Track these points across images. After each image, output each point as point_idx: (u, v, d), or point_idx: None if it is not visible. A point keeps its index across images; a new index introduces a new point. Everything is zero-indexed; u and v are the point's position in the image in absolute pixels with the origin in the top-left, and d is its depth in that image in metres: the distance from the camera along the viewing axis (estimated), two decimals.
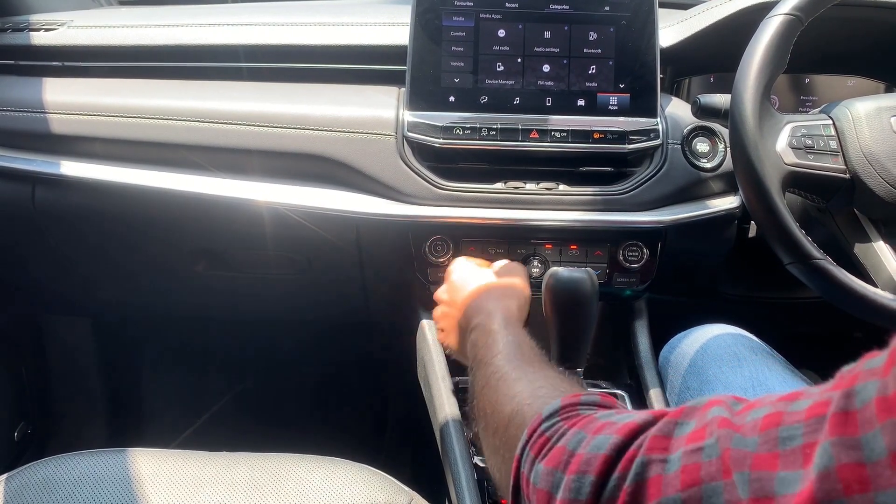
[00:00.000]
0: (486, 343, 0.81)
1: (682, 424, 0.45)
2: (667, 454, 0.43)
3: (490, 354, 0.78)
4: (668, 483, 0.41)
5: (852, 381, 0.36)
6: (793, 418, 0.38)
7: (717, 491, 0.39)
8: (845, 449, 0.34)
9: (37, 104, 1.16)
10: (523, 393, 0.64)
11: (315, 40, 1.21)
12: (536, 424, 0.54)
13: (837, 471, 0.34)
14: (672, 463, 0.42)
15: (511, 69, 1.11)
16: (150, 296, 1.44)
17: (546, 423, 0.54)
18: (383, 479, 0.90)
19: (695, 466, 0.41)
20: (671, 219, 1.10)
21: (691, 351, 1.07)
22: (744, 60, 0.94)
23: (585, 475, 0.46)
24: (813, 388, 0.40)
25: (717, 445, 0.40)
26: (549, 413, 0.55)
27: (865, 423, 0.34)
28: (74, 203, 1.18)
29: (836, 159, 0.96)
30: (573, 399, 0.56)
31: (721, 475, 0.39)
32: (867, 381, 0.35)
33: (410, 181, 1.10)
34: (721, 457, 0.40)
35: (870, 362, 0.36)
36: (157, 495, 0.82)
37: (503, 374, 0.71)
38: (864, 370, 0.36)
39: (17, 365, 1.58)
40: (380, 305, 1.31)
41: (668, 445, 0.44)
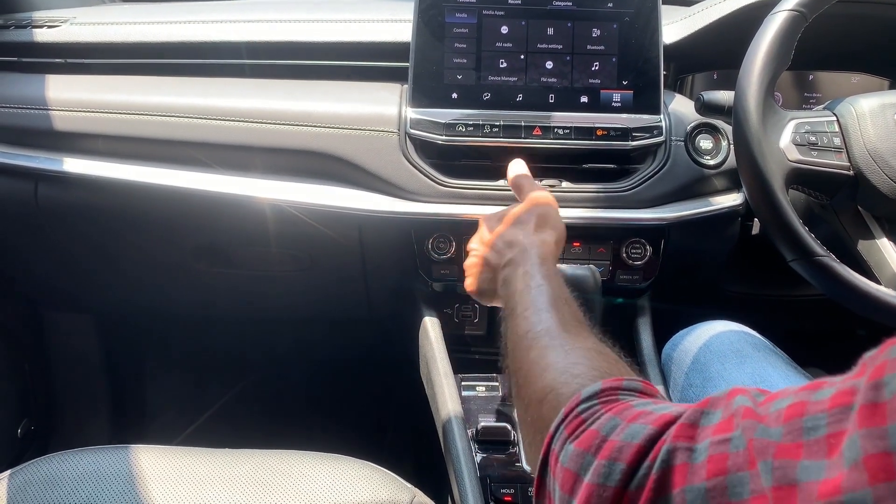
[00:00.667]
0: (519, 288, 0.76)
1: (707, 414, 0.45)
2: (693, 443, 0.43)
3: (523, 306, 0.73)
4: (695, 472, 0.41)
5: (880, 372, 0.35)
6: (816, 408, 0.38)
7: (742, 480, 0.39)
8: (872, 439, 0.34)
9: (40, 101, 1.16)
10: (557, 366, 0.62)
11: (318, 37, 1.21)
12: (574, 405, 0.54)
13: (864, 461, 0.33)
14: (699, 452, 0.42)
15: (514, 66, 1.10)
16: (153, 293, 1.44)
17: (584, 405, 0.53)
18: (386, 475, 0.90)
19: (722, 457, 0.41)
20: (674, 216, 1.10)
21: (694, 348, 1.06)
22: (747, 57, 0.94)
23: (616, 462, 0.46)
24: (835, 377, 0.40)
25: (743, 437, 0.40)
26: (589, 395, 0.54)
27: (893, 412, 0.34)
28: (77, 200, 1.18)
29: (840, 156, 0.96)
30: (615, 383, 0.55)
31: (747, 465, 0.39)
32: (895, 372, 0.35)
33: (413, 178, 1.10)
34: (747, 447, 0.40)
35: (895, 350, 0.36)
36: (160, 492, 0.82)
37: (536, 336, 0.68)
38: (891, 359, 0.35)
39: (21, 361, 1.58)
40: (382, 302, 1.31)
41: (694, 434, 0.44)
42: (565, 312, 0.72)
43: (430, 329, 1.16)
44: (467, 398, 1.09)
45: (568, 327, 0.70)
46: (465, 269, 0.94)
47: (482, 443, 1.01)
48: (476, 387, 1.11)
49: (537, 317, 0.71)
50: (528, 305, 0.73)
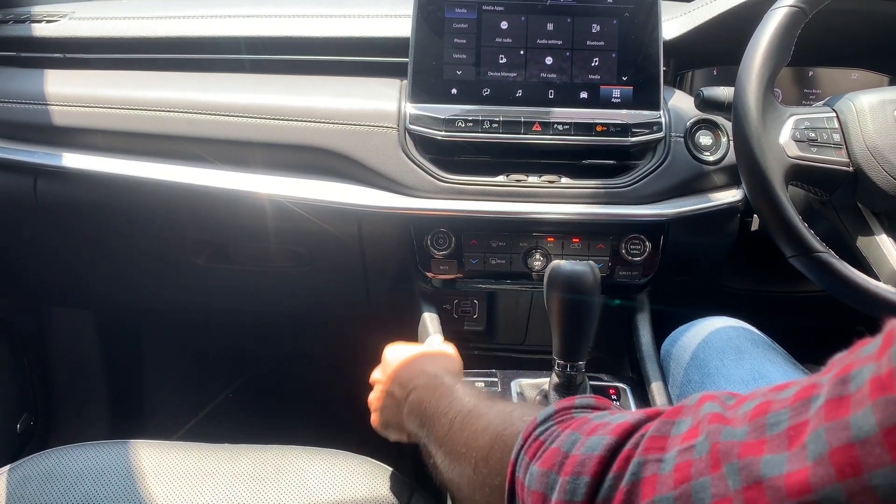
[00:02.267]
0: (435, 396, 0.76)
1: (677, 423, 0.45)
2: (663, 454, 0.43)
3: (446, 402, 0.73)
4: (663, 482, 0.41)
5: (847, 369, 0.35)
6: (780, 405, 0.38)
7: (704, 486, 0.39)
8: (836, 432, 0.34)
9: (38, 96, 1.16)
10: (495, 422, 0.63)
11: (317, 32, 1.21)
12: (531, 429, 0.54)
13: (829, 455, 0.33)
14: (667, 462, 0.42)
15: (513, 61, 1.10)
16: (152, 288, 1.44)
17: (540, 428, 0.54)
18: (385, 471, 0.90)
19: (686, 464, 0.41)
20: (674, 212, 1.10)
21: (693, 344, 1.07)
22: (747, 53, 0.94)
23: (580, 476, 0.46)
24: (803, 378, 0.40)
25: (707, 441, 0.40)
26: (544, 417, 0.55)
27: (857, 403, 0.34)
28: (76, 195, 1.18)
29: (840, 152, 0.96)
30: (567, 403, 0.56)
31: (709, 470, 0.39)
32: (862, 367, 0.35)
33: (412, 174, 1.10)
34: (710, 452, 0.40)
35: (864, 349, 0.36)
36: (160, 487, 0.82)
37: (469, 412, 0.68)
38: (859, 357, 0.36)
39: (20, 357, 1.58)
40: (381, 298, 1.31)
41: (664, 445, 0.44)
42: (486, 394, 0.74)
43: (429, 325, 1.16)
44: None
45: (493, 399, 0.71)
46: (368, 404, 0.95)
47: None
48: (475, 382, 1.11)
49: (464, 400, 0.71)
50: (454, 399, 0.73)
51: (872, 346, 0.35)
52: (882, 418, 0.32)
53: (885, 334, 0.35)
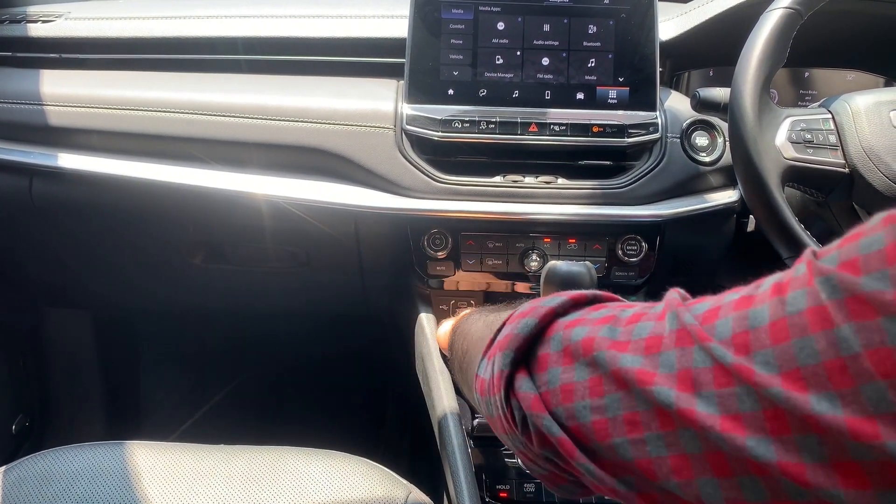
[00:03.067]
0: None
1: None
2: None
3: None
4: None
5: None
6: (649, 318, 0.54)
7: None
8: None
9: (35, 96, 1.15)
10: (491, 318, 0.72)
11: (313, 32, 1.20)
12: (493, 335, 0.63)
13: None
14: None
15: (510, 62, 1.10)
16: (149, 289, 1.44)
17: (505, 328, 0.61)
18: (381, 471, 0.90)
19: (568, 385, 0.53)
20: (670, 213, 1.10)
21: None
22: (743, 54, 0.94)
23: (508, 351, 0.57)
24: None
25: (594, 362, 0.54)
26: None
27: None
28: (72, 196, 1.18)
29: (836, 153, 0.96)
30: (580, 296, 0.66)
31: (563, 360, 0.55)
32: None
33: (409, 174, 1.10)
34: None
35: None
36: (155, 488, 0.82)
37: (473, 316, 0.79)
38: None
39: (16, 357, 1.58)
40: (378, 299, 1.31)
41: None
42: None
43: (426, 325, 1.16)
44: None
45: None
46: None
47: (478, 439, 1.01)
48: None
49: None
50: None
51: None
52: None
53: None
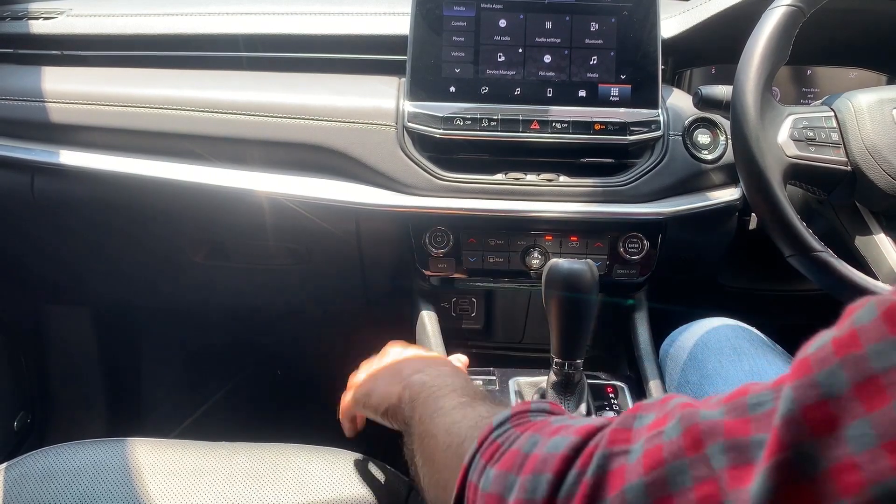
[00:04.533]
0: (436, 385, 0.73)
1: (641, 417, 0.44)
2: (629, 445, 0.42)
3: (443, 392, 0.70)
4: (632, 470, 0.40)
5: (808, 344, 0.36)
6: (759, 388, 0.38)
7: (681, 469, 0.37)
8: (805, 389, 0.34)
9: (36, 93, 1.15)
10: (460, 421, 0.61)
11: (315, 30, 1.20)
12: (487, 433, 0.53)
13: (802, 413, 0.33)
14: (634, 452, 0.41)
15: (512, 59, 1.10)
16: (150, 286, 1.44)
17: (497, 431, 0.53)
18: (383, 468, 0.90)
19: (656, 448, 0.39)
20: (672, 210, 1.10)
21: (691, 344, 1.07)
22: (745, 52, 0.94)
23: (542, 474, 0.45)
24: None
25: (679, 424, 0.39)
26: (500, 421, 0.54)
27: (820, 362, 0.34)
28: (74, 193, 1.18)
29: (838, 151, 0.96)
30: (523, 407, 0.56)
31: (685, 452, 0.38)
32: (821, 336, 0.36)
33: (410, 172, 1.09)
34: (683, 434, 0.39)
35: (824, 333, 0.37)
36: (157, 485, 0.82)
37: (443, 410, 0.66)
38: (818, 337, 0.37)
39: (17, 354, 1.58)
40: (379, 297, 1.31)
41: (629, 437, 0.43)
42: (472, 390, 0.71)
43: (428, 323, 1.16)
44: None
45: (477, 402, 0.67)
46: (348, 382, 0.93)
47: None
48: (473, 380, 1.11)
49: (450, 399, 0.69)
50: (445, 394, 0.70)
51: (830, 331, 0.36)
52: (852, 374, 0.32)
53: (844, 313, 0.37)
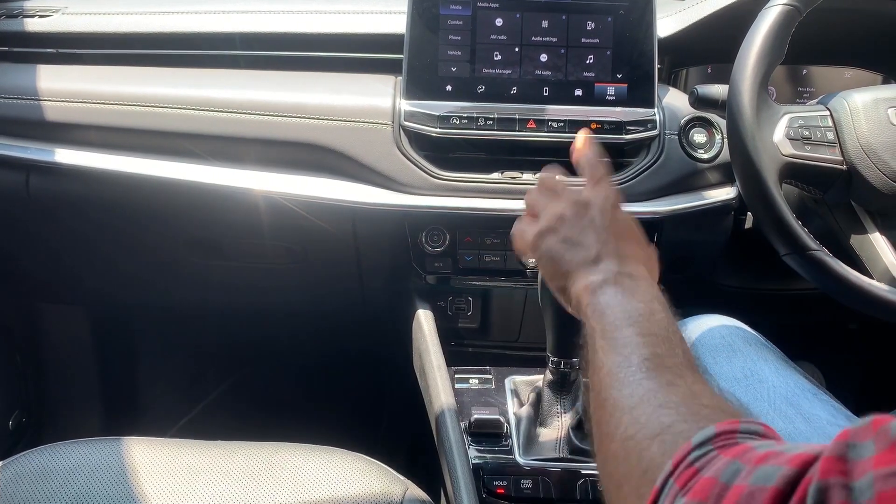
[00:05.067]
0: (639, 311, 0.63)
1: (855, 446, 0.38)
2: (849, 479, 0.36)
3: (635, 328, 0.61)
4: None
5: None
6: None
7: None
8: None
9: (31, 91, 1.15)
10: (679, 405, 0.53)
11: (311, 28, 1.20)
12: (684, 453, 0.46)
13: None
14: (861, 490, 0.36)
15: (508, 58, 1.10)
16: (146, 285, 1.44)
17: (696, 452, 0.46)
18: (379, 468, 0.90)
19: (894, 493, 0.34)
20: (668, 209, 1.10)
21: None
22: (742, 51, 0.94)
23: None
24: None
25: None
26: (701, 441, 0.46)
27: None
28: (69, 191, 1.18)
29: (834, 150, 0.96)
30: (730, 426, 0.47)
31: None
32: None
33: (407, 171, 1.09)
34: None
35: None
36: (153, 484, 0.82)
37: (656, 368, 0.57)
38: None
39: (13, 353, 1.57)
40: (376, 295, 1.31)
41: (846, 469, 0.37)
42: (686, 352, 0.62)
43: (424, 322, 1.16)
44: (460, 391, 1.10)
45: (692, 369, 0.59)
46: (525, 233, 0.78)
47: (475, 435, 1.01)
48: (469, 379, 1.12)
49: (654, 348, 0.59)
50: (643, 331, 0.61)
51: None
52: None
53: None
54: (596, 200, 0.75)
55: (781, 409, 0.88)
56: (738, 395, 0.92)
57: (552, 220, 0.75)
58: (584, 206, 0.75)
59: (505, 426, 1.02)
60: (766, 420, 0.51)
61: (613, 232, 0.72)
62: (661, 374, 0.56)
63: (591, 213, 0.74)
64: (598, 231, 0.72)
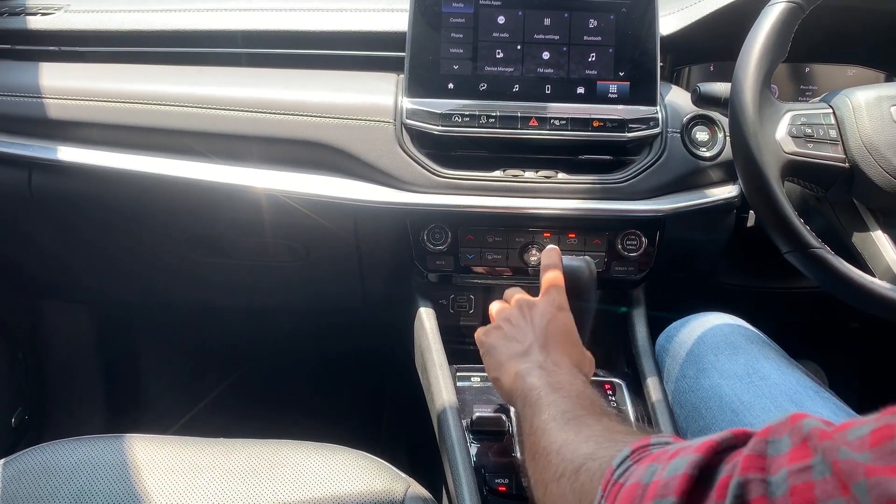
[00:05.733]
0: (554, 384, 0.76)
1: (773, 442, 0.41)
2: (766, 474, 0.39)
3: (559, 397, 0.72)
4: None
5: None
6: None
7: None
8: None
9: (33, 89, 1.15)
10: (598, 436, 0.61)
11: (314, 26, 1.20)
12: (609, 476, 0.52)
13: None
14: (776, 485, 0.38)
15: (510, 56, 1.10)
16: (148, 282, 1.44)
17: (618, 471, 0.51)
18: (380, 465, 0.90)
19: (806, 486, 0.37)
20: (670, 207, 1.10)
21: (688, 339, 1.07)
22: (744, 49, 0.94)
23: (664, 499, 0.43)
24: None
25: (826, 460, 0.37)
26: (620, 461, 0.52)
27: None
28: (71, 189, 1.18)
29: (836, 148, 0.96)
30: (643, 442, 0.54)
31: (840, 491, 0.35)
32: None
33: (409, 169, 1.09)
34: (833, 472, 0.36)
35: None
36: (155, 481, 0.82)
37: (571, 417, 0.67)
38: None
39: (15, 351, 1.58)
40: (377, 293, 1.31)
41: (764, 465, 0.40)
42: (606, 409, 0.72)
43: (426, 319, 1.16)
44: (462, 388, 1.10)
45: (611, 417, 0.69)
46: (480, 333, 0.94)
47: (477, 433, 1.01)
48: (471, 377, 1.12)
49: (577, 404, 0.70)
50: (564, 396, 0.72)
51: None
52: None
53: None
54: (540, 304, 0.90)
55: (784, 407, 0.88)
56: (741, 393, 0.92)
57: (499, 319, 0.93)
58: (529, 307, 0.90)
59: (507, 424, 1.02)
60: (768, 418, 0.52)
61: (548, 333, 0.85)
62: (581, 421, 0.66)
63: (533, 314, 0.89)
64: (535, 330, 0.86)
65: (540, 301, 0.91)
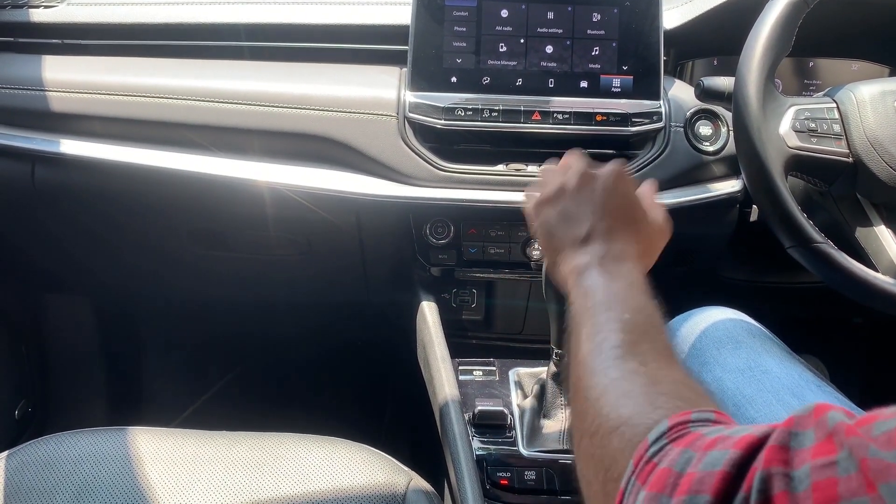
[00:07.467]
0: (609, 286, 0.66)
1: (797, 435, 0.39)
2: (789, 468, 0.38)
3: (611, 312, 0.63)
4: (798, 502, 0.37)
5: None
6: None
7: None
8: None
9: (36, 82, 1.15)
10: (639, 396, 0.54)
11: (316, 19, 1.20)
12: (642, 451, 0.48)
13: None
14: (799, 480, 0.37)
15: (514, 50, 1.10)
16: (150, 276, 1.44)
17: (652, 448, 0.48)
18: (382, 458, 0.90)
19: (830, 482, 0.36)
20: (673, 202, 1.10)
21: (690, 334, 1.07)
22: (748, 43, 0.93)
23: (699, 495, 0.40)
24: None
25: (853, 457, 0.36)
26: (656, 437, 0.48)
27: None
28: (74, 182, 1.18)
29: (840, 143, 0.96)
30: (683, 417, 0.49)
31: (864, 489, 0.34)
32: None
33: (411, 162, 1.09)
34: (860, 470, 0.35)
35: None
36: (157, 473, 0.83)
37: (622, 355, 0.58)
38: None
39: (18, 343, 1.58)
40: (380, 287, 1.31)
41: (787, 458, 0.39)
42: (658, 336, 0.63)
43: (428, 313, 1.16)
44: (464, 382, 1.10)
45: (660, 353, 0.60)
46: (536, 201, 0.79)
47: (479, 427, 1.02)
48: (473, 371, 1.12)
49: (626, 335, 0.61)
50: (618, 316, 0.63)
51: None
52: None
53: None
54: (601, 175, 0.76)
55: (786, 401, 0.88)
56: (743, 387, 0.92)
57: (554, 190, 0.77)
58: (588, 179, 0.76)
59: (508, 417, 1.02)
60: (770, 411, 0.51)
61: (611, 209, 0.73)
62: (627, 362, 0.58)
63: (593, 187, 0.75)
64: (595, 207, 0.73)
65: (600, 172, 0.77)
